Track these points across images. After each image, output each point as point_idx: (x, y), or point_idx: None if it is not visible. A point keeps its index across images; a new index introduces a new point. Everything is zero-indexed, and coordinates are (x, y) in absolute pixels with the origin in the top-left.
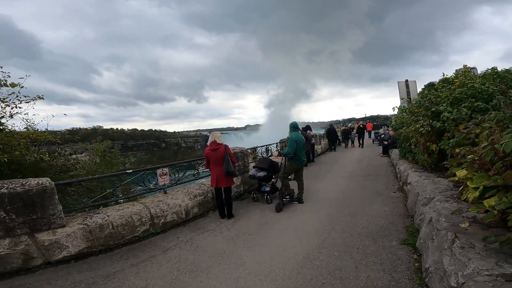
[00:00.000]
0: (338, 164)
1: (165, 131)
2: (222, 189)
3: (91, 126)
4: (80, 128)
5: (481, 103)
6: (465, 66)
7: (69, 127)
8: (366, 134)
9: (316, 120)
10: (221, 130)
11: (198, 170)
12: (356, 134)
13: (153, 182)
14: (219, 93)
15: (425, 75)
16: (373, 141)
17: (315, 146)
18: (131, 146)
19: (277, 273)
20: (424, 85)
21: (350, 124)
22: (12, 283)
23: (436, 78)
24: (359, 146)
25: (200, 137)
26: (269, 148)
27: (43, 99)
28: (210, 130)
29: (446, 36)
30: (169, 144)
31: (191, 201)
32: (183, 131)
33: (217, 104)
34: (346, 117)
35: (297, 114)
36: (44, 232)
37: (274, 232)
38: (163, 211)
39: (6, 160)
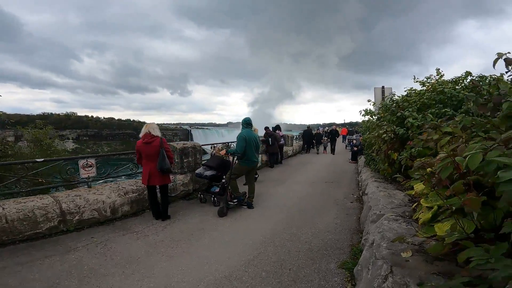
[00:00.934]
0: (305, 168)
1: (144, 122)
2: (157, 187)
3: (64, 112)
4: (52, 113)
5: (449, 110)
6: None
7: (40, 111)
8: (340, 140)
9: (298, 122)
10: (203, 125)
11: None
12: (328, 140)
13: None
14: (203, 87)
15: (405, 85)
16: (346, 146)
17: (286, 148)
18: (106, 135)
19: None
20: (402, 95)
21: (324, 128)
22: None
23: (416, 88)
24: (331, 152)
25: (180, 130)
26: (231, 145)
27: None
28: (191, 124)
29: (429, 48)
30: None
31: (120, 197)
32: (163, 123)
33: (200, 98)
34: (327, 121)
35: (280, 115)
36: None
37: (206, 241)
38: (79, 207)
39: None
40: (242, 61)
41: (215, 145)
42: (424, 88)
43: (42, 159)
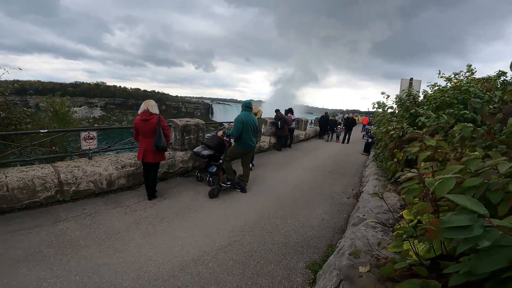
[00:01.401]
0: (312, 155)
1: (168, 94)
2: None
3: (94, 82)
4: (83, 82)
5: (468, 112)
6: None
7: (72, 80)
8: (359, 128)
9: (319, 106)
10: (224, 101)
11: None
12: (343, 128)
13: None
14: (227, 64)
15: (441, 79)
16: (363, 136)
17: (298, 131)
18: (131, 104)
19: (148, 270)
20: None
21: (344, 115)
22: None
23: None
24: (344, 141)
25: (201, 104)
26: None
27: None
28: (213, 99)
29: (476, 43)
30: (169, 107)
31: (117, 170)
32: (186, 96)
33: (223, 74)
34: (350, 107)
35: (302, 96)
36: None
37: (188, 222)
38: (76, 178)
39: None
40: (268, 41)
41: (224, 124)
42: (449, 85)
43: (46, 130)
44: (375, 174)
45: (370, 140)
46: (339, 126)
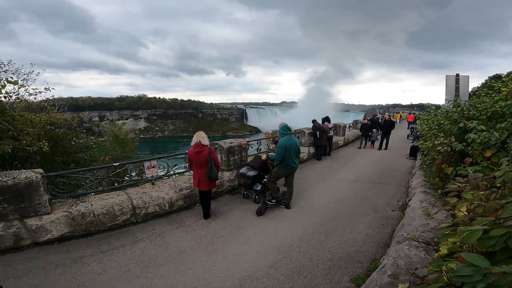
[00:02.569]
0: (353, 163)
1: (203, 102)
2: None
3: (137, 94)
4: (127, 95)
5: None
6: None
7: (117, 94)
8: (405, 126)
9: (356, 103)
10: (257, 104)
11: None
12: (379, 133)
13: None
14: (256, 68)
15: (491, 65)
16: (407, 136)
17: (337, 137)
18: (171, 114)
19: (214, 286)
20: (489, 77)
21: (384, 114)
22: (4, 258)
23: (504, 69)
24: (380, 147)
25: (235, 110)
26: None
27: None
28: (246, 104)
29: None
30: (206, 114)
31: (176, 194)
32: (219, 103)
33: (253, 79)
34: (390, 102)
35: (336, 94)
36: (32, 218)
37: (241, 240)
38: (145, 203)
39: (10, 151)
40: (293, 41)
41: (262, 141)
42: (503, 91)
43: (118, 164)
44: (422, 186)
45: (415, 143)
46: (374, 130)
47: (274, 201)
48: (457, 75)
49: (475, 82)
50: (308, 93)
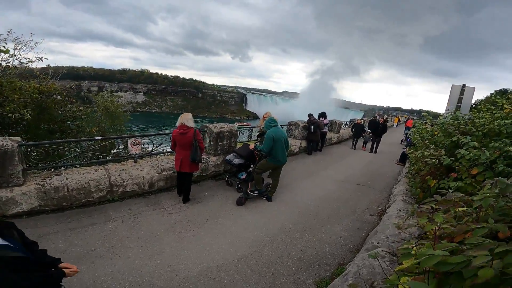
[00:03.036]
0: (342, 162)
1: (204, 82)
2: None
3: (139, 69)
4: (129, 69)
5: None
6: None
7: (120, 67)
8: (402, 130)
9: (357, 101)
10: (258, 90)
11: None
12: (370, 135)
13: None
14: (263, 54)
15: (501, 79)
16: (401, 141)
17: (331, 134)
18: (171, 91)
19: (180, 273)
20: (495, 91)
21: (383, 116)
22: None
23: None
24: (372, 151)
25: (235, 93)
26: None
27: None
28: (248, 89)
29: None
30: (206, 95)
31: (157, 174)
32: (221, 85)
33: (259, 65)
34: (392, 105)
35: (339, 90)
36: (3, 189)
37: (215, 229)
38: (123, 180)
39: None
40: (306, 32)
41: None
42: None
43: (100, 137)
44: (403, 194)
45: (406, 149)
46: (368, 130)
47: (256, 192)
48: (464, 85)
49: (481, 94)
50: (311, 85)
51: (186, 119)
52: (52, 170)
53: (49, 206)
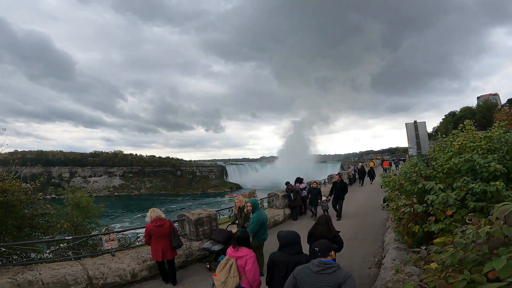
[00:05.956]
0: None
1: (181, 159)
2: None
3: (112, 151)
4: (102, 151)
5: (477, 186)
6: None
7: (91, 149)
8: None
9: (332, 153)
10: (236, 160)
11: None
12: (328, 198)
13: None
14: (235, 123)
15: (445, 103)
16: (381, 186)
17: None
18: (148, 172)
19: None
20: (445, 115)
21: (357, 165)
22: None
23: (456, 106)
24: (337, 217)
25: (214, 167)
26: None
27: None
28: (226, 160)
29: (464, 60)
30: (185, 172)
31: (139, 265)
32: (199, 160)
33: (232, 134)
34: (364, 149)
35: (314, 146)
36: None
37: None
38: (103, 274)
39: None
40: (270, 93)
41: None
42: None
43: (71, 237)
44: (395, 240)
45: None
46: (324, 197)
47: None
48: (415, 122)
49: (435, 121)
50: (287, 142)
51: (159, 213)
52: (22, 266)
53: None
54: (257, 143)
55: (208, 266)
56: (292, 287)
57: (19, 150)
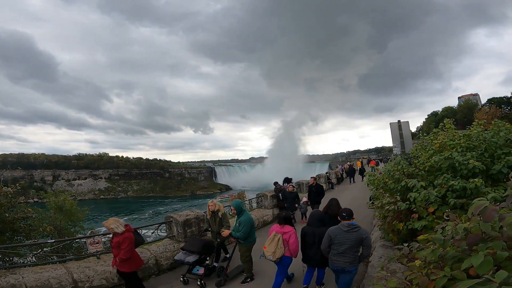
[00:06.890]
0: None
1: (170, 161)
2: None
3: (97, 153)
4: (86, 154)
5: (456, 183)
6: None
7: (75, 152)
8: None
9: (320, 153)
10: (226, 161)
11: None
12: (307, 202)
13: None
14: (224, 124)
15: (428, 103)
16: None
17: (301, 194)
18: (135, 174)
19: None
20: (428, 115)
21: (343, 165)
22: None
23: (439, 106)
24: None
25: (203, 168)
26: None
27: None
28: (215, 161)
29: (446, 62)
30: (173, 174)
31: None
32: (188, 162)
33: (222, 135)
34: (351, 149)
35: (303, 147)
36: None
37: None
38: (88, 277)
39: None
40: (260, 94)
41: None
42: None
43: (53, 240)
44: (381, 238)
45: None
46: (305, 198)
47: (249, 279)
48: (399, 121)
49: (418, 121)
50: (277, 141)
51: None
52: (5, 269)
53: None
54: (247, 144)
55: (181, 279)
56: (328, 242)
57: (0, 153)
